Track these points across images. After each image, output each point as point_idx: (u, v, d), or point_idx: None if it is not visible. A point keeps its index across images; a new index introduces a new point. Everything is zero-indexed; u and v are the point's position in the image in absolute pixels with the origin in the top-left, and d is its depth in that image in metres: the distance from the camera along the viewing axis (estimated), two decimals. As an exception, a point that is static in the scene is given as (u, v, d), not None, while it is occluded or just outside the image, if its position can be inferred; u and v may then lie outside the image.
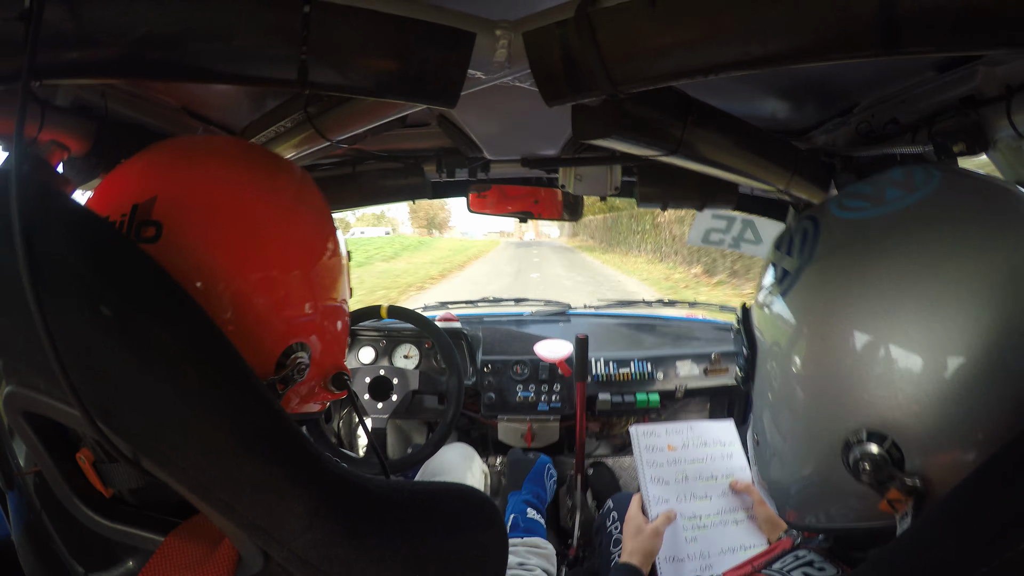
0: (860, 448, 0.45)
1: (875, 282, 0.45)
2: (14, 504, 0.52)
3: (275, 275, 0.52)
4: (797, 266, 0.51)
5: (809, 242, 0.51)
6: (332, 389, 0.62)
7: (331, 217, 0.61)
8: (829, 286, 0.48)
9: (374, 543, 0.41)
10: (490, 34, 0.58)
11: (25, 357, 0.38)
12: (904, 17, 0.41)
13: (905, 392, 0.43)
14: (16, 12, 0.42)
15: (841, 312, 0.46)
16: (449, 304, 2.07)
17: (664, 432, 1.11)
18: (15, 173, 0.36)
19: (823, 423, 0.48)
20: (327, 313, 0.58)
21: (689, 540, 1.01)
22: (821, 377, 0.47)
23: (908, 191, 0.48)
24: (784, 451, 0.53)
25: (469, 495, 0.53)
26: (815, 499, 0.52)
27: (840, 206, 0.51)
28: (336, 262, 0.60)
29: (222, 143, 0.60)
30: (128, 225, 0.47)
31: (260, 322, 0.51)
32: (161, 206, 0.48)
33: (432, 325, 1.27)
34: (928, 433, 0.42)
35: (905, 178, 0.49)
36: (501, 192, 1.42)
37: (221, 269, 0.49)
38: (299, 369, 0.54)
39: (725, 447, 1.14)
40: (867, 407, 0.45)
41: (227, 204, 0.51)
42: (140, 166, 0.53)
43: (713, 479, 1.09)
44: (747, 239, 1.43)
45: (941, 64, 0.72)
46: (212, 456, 0.37)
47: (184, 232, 0.48)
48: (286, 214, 0.55)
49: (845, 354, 0.46)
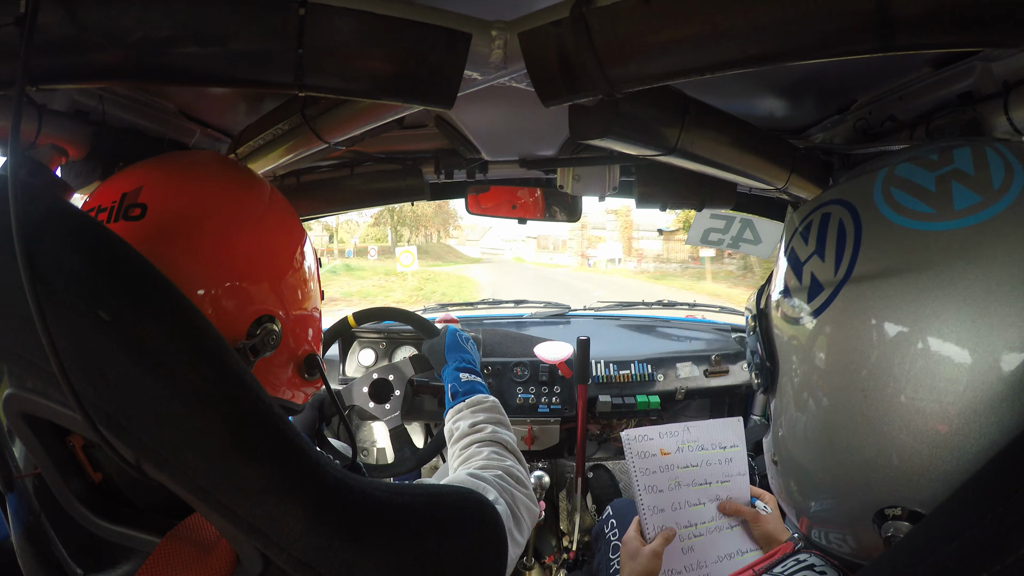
0: (896, 524, 0.39)
1: (943, 325, 0.35)
2: (13, 506, 0.52)
3: (245, 286, 0.56)
4: (832, 280, 0.41)
5: (848, 246, 0.41)
6: (306, 375, 0.64)
7: (301, 229, 0.65)
8: (876, 318, 0.38)
9: (374, 545, 0.41)
10: (486, 35, 0.58)
11: (25, 360, 0.38)
12: (900, 14, 0.41)
13: (956, 471, 0.36)
14: (11, 17, 0.42)
15: (896, 357, 0.37)
16: (449, 306, 2.07)
17: (657, 435, 1.06)
18: (12, 178, 0.36)
19: (856, 482, 0.41)
20: (297, 321, 0.62)
21: (685, 551, 0.98)
22: (858, 433, 0.40)
23: (984, 197, 0.37)
24: (805, 485, 0.47)
25: (466, 496, 0.53)
26: (833, 525, 0.47)
27: (893, 205, 0.40)
28: (303, 274, 0.64)
29: (207, 157, 0.67)
30: (118, 208, 0.53)
31: (232, 316, 0.55)
32: (147, 192, 0.54)
33: (403, 311, 1.29)
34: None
35: (977, 171, 0.38)
36: (499, 194, 1.42)
37: (196, 271, 0.53)
38: (270, 340, 0.57)
39: (725, 451, 1.08)
40: (913, 481, 0.38)
41: (205, 199, 0.56)
42: (131, 168, 0.59)
43: (707, 484, 1.04)
44: (746, 239, 1.43)
45: (938, 60, 0.72)
46: (211, 459, 0.37)
47: (166, 215, 0.53)
48: (256, 227, 0.59)
49: (891, 411, 0.37)
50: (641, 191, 1.14)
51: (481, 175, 1.29)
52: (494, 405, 0.90)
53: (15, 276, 0.35)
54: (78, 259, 0.39)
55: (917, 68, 0.75)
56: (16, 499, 0.52)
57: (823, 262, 0.42)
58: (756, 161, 0.86)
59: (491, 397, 0.92)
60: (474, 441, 0.81)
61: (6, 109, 0.61)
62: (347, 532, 0.40)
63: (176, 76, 0.53)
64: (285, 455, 0.40)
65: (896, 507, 0.39)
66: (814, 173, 0.99)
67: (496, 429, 0.83)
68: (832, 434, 0.42)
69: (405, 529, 0.44)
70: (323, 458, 0.42)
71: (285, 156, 0.89)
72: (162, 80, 0.60)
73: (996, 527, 0.31)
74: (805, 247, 0.45)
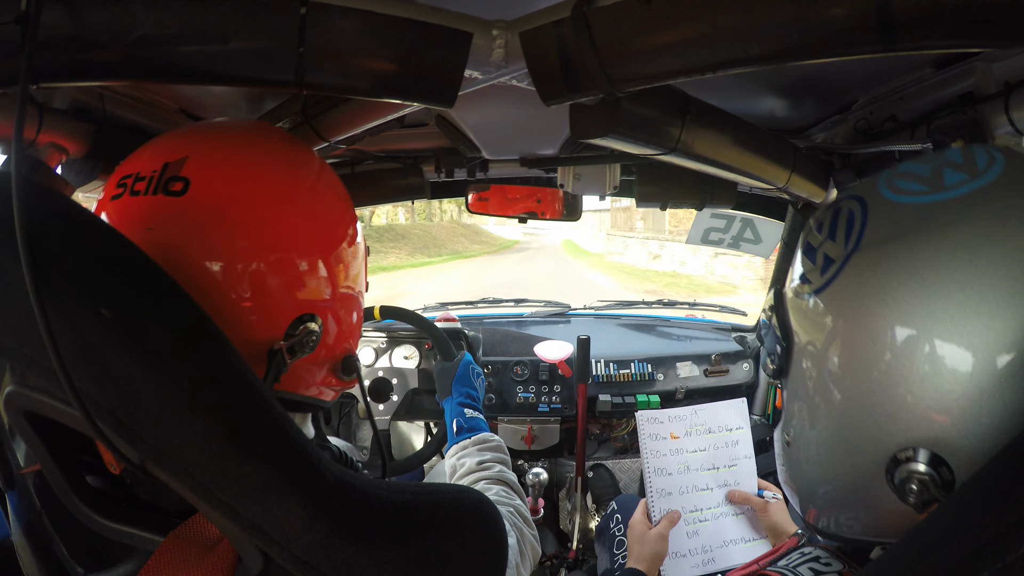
0: (909, 467, 0.41)
1: (935, 277, 0.40)
2: (14, 504, 0.52)
3: (293, 258, 0.53)
4: (842, 253, 0.45)
5: (856, 226, 0.45)
6: (341, 375, 0.62)
7: (352, 206, 0.62)
8: (881, 278, 0.42)
9: (374, 543, 0.41)
10: (487, 34, 0.58)
11: (26, 357, 0.38)
12: (901, 14, 0.41)
13: (967, 406, 0.38)
14: (13, 15, 0.42)
15: (894, 309, 0.41)
16: (449, 305, 2.07)
17: (667, 419, 1.09)
18: (14, 175, 0.36)
19: (868, 432, 0.43)
20: (343, 301, 0.59)
21: (691, 535, 1.01)
22: (868, 382, 0.43)
23: (970, 175, 0.43)
24: (819, 455, 0.49)
25: (467, 495, 0.53)
26: (843, 505, 0.49)
27: (892, 188, 0.46)
28: (355, 251, 0.60)
29: (255, 126, 0.62)
30: (158, 179, 0.50)
31: (275, 299, 0.52)
32: (192, 165, 0.50)
33: (428, 323, 1.27)
34: (987, 454, 0.38)
35: (965, 160, 0.44)
36: (501, 192, 1.42)
37: (241, 246, 0.50)
38: (309, 340, 0.54)
39: (731, 432, 1.11)
40: (921, 421, 0.40)
41: (253, 178, 0.52)
42: (177, 133, 0.55)
43: (715, 469, 1.07)
44: (747, 238, 1.43)
45: (938, 61, 0.72)
46: (212, 456, 0.37)
47: (210, 193, 0.50)
48: (309, 199, 0.56)
49: (898, 358, 0.41)
50: (641, 190, 1.14)
51: (481, 174, 1.29)
52: (499, 444, 0.91)
53: (17, 273, 0.35)
54: (80, 256, 0.39)
55: (918, 68, 0.75)
56: (17, 497, 0.52)
57: (834, 242, 0.47)
58: (757, 161, 0.87)
59: (496, 436, 0.93)
60: (483, 478, 0.82)
61: (7, 108, 0.61)
62: (347, 530, 0.40)
63: (177, 74, 0.53)
64: (285, 453, 0.40)
65: (908, 448, 0.41)
66: (815, 173, 0.99)
67: (503, 469, 0.84)
68: (846, 389, 0.45)
69: (405, 528, 0.44)
70: (323, 456, 0.42)
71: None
72: (163, 78, 0.60)
73: (997, 525, 0.31)
74: (819, 236, 0.50)
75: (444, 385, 1.06)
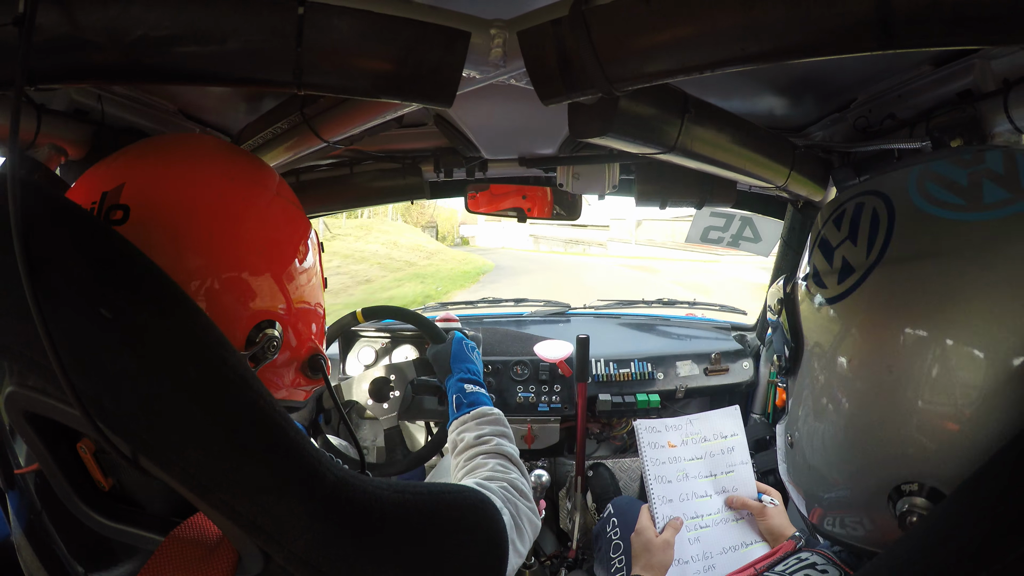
0: (911, 500, 0.40)
1: (969, 306, 0.37)
2: (15, 504, 0.52)
3: (245, 277, 0.52)
4: (864, 262, 0.42)
5: (881, 232, 0.42)
6: (310, 375, 0.62)
7: (306, 221, 0.61)
8: (908, 301, 0.39)
9: (374, 543, 0.41)
10: (485, 33, 0.58)
11: (26, 358, 0.38)
12: (900, 12, 0.41)
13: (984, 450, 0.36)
14: (10, 17, 0.42)
15: (920, 336, 0.38)
16: (448, 305, 2.07)
17: (664, 428, 1.11)
18: (11, 176, 0.36)
19: (875, 457, 0.42)
20: (299, 315, 0.58)
21: (692, 541, 1.01)
22: (881, 407, 0.41)
23: (1012, 193, 0.39)
24: (824, 466, 0.48)
25: (467, 495, 0.53)
26: (847, 510, 0.48)
27: (926, 196, 0.42)
28: (309, 268, 0.59)
29: (198, 140, 0.60)
30: (98, 211, 0.48)
31: (232, 312, 0.51)
32: (129, 190, 0.49)
33: (411, 312, 1.28)
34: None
35: (1007, 172, 0.40)
36: (500, 192, 1.42)
37: (194, 264, 0.49)
38: (271, 347, 0.54)
39: (726, 440, 1.12)
40: (932, 457, 0.39)
41: (192, 192, 0.51)
42: (111, 159, 0.54)
43: (713, 476, 1.08)
44: (746, 237, 1.43)
45: (937, 58, 0.72)
46: (211, 456, 0.37)
47: (152, 214, 0.48)
48: (259, 216, 0.54)
49: (917, 387, 0.38)
50: (641, 189, 1.14)
51: (480, 173, 1.29)
52: (498, 417, 0.91)
53: (15, 274, 0.35)
54: (79, 257, 0.39)
55: (916, 66, 0.75)
56: (17, 497, 0.52)
57: (855, 246, 0.44)
58: (756, 159, 0.87)
59: (495, 409, 0.93)
60: (479, 453, 0.82)
61: (5, 109, 0.61)
62: (347, 529, 0.40)
63: (175, 75, 0.53)
64: (285, 453, 0.40)
65: (913, 483, 0.40)
66: (814, 171, 0.99)
67: (501, 442, 0.84)
68: (855, 409, 0.43)
69: (405, 527, 0.44)
70: (323, 456, 0.42)
71: (284, 155, 0.89)
72: (161, 79, 0.59)
73: (995, 526, 0.31)
74: (837, 233, 0.46)
75: (443, 366, 1.06)
